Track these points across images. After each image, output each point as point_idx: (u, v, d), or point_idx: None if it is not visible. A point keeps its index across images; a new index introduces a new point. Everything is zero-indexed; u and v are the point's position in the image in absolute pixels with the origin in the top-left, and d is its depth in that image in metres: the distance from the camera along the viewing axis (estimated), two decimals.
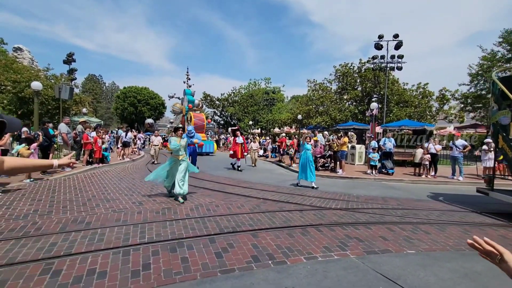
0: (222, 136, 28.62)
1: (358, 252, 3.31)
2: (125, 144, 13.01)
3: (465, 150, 9.85)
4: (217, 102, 44.19)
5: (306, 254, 3.22)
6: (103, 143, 8.87)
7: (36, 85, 10.62)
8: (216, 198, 5.92)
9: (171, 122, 44.90)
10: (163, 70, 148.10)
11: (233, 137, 12.09)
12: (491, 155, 9.69)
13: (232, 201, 5.69)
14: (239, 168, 11.38)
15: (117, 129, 20.44)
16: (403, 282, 2.62)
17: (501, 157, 9.95)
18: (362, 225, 4.33)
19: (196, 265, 2.87)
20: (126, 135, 12.96)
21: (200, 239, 3.57)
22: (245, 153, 11.88)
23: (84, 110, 22.08)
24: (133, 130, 21.13)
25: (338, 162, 10.74)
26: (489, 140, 10.44)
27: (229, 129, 11.81)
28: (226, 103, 45.01)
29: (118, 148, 13.79)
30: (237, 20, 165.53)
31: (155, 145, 13.01)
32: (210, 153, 19.49)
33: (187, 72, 35.55)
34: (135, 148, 17.47)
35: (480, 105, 21.95)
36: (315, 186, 7.60)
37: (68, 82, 19.64)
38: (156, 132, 14.70)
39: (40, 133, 7.91)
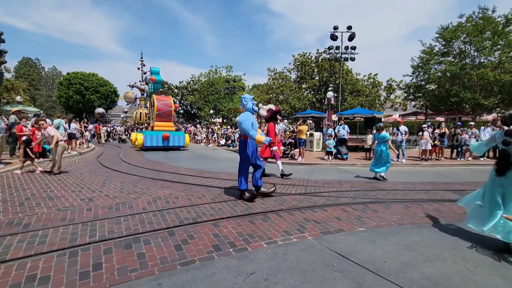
0: (181, 126, 27.64)
1: (315, 234, 3.49)
2: (71, 136, 11.80)
3: (405, 136, 10.95)
4: (175, 90, 42.31)
5: (266, 239, 3.30)
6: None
7: None
8: (176, 190, 5.72)
9: (125, 112, 41.93)
10: (114, 55, 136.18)
11: (267, 124, 7.43)
12: (425, 139, 10.93)
13: (193, 192, 5.55)
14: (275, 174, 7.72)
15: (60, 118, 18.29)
16: (354, 257, 2.84)
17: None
18: (319, 208, 4.57)
19: (154, 260, 2.75)
20: (69, 126, 11.73)
21: (158, 232, 3.42)
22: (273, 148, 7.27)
23: (19, 98, 19.28)
24: (79, 120, 19.21)
25: (298, 149, 11.13)
26: (425, 126, 11.75)
27: (263, 108, 6.74)
28: (185, 91, 43.31)
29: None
30: (195, 3, 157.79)
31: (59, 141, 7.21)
32: (181, 147, 16.10)
33: (141, 58, 33.17)
34: (83, 140, 16.01)
35: (420, 94, 24.43)
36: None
37: None
38: (38, 118, 8.21)
39: None
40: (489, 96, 20.60)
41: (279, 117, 7.84)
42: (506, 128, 3.21)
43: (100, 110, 33.80)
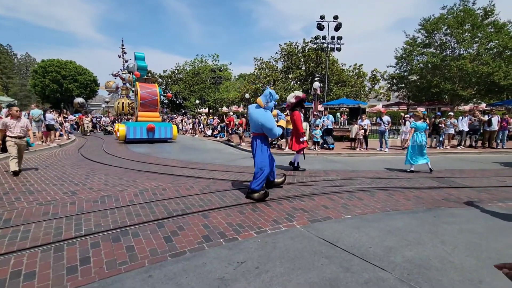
0: (166, 117, 27.04)
1: (304, 222, 3.57)
2: (49, 127, 11.30)
3: (388, 126, 11.26)
4: (159, 79, 41.09)
5: (256, 228, 3.35)
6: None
7: None
8: (163, 182, 5.65)
9: (107, 102, 40.42)
10: (92, 42, 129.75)
11: (291, 112, 6.80)
12: (406, 128, 11.30)
13: (181, 183, 5.51)
14: (299, 167, 7.14)
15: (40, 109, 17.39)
16: (341, 243, 2.95)
17: None
18: (306, 197, 4.67)
19: (144, 252, 2.73)
20: (44, 116, 11.19)
21: (146, 225, 3.39)
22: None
23: None
24: (57, 110, 18.38)
25: (284, 139, 11.20)
26: (407, 116, 12.12)
27: (291, 96, 6.25)
28: (169, 80, 42.22)
29: (37, 132, 11.59)
30: None
31: (17, 137, 5.99)
32: (168, 139, 15.11)
33: (122, 45, 31.82)
34: (63, 131, 15.40)
35: (403, 85, 25.05)
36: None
37: None
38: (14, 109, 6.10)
39: None
40: (467, 87, 21.44)
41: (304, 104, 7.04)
42: None
43: (79, 99, 32.37)
